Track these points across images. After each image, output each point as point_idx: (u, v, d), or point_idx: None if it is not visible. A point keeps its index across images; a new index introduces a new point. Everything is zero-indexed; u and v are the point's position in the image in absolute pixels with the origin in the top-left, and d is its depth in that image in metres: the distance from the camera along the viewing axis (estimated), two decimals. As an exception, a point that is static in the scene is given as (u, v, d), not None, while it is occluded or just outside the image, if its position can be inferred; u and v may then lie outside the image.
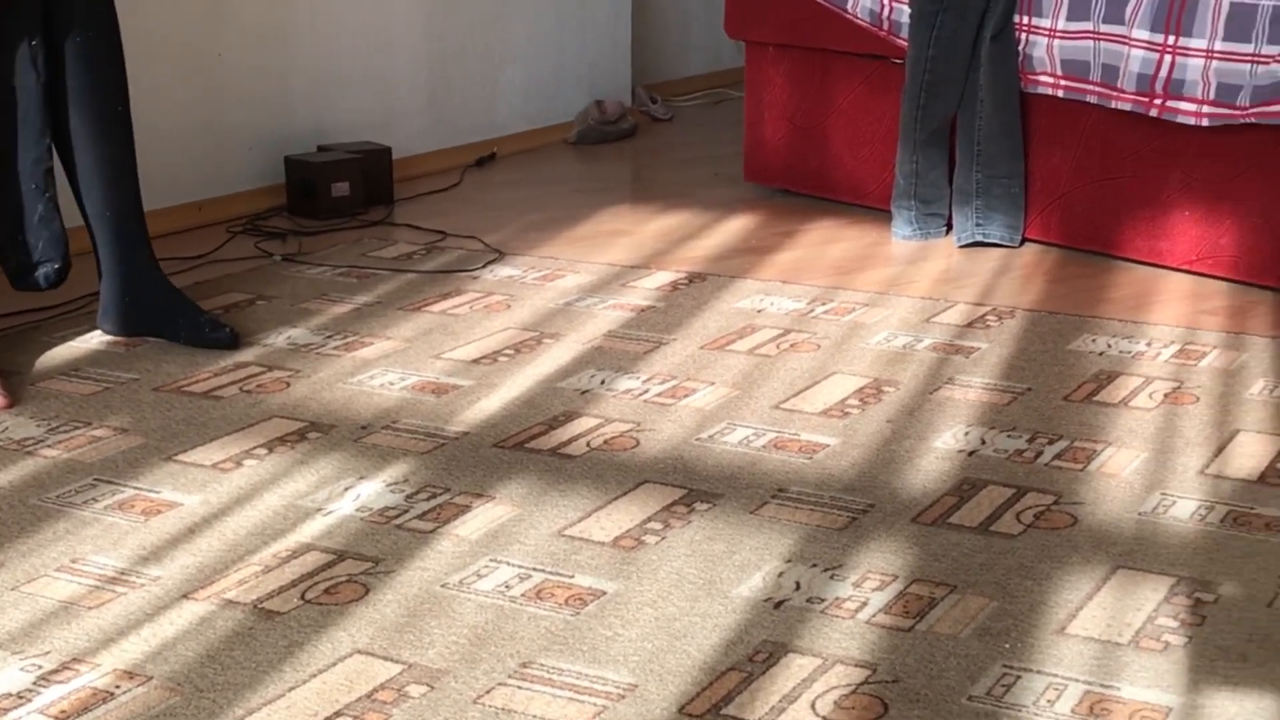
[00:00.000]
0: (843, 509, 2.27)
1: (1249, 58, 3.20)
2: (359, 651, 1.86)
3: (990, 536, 2.17)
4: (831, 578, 2.06)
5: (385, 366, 2.89)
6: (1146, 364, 2.87)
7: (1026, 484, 2.35)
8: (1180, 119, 3.34)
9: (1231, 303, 3.24)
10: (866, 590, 2.02)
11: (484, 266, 3.55)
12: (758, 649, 1.88)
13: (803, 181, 4.22)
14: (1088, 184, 3.59)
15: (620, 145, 5.05)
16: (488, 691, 1.79)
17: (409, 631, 1.92)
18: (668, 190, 4.40)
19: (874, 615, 1.96)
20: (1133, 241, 3.53)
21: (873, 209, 4.02)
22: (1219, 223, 3.36)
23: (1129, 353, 2.94)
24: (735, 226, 3.97)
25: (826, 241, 3.83)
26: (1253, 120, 3.22)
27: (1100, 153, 3.56)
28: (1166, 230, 3.46)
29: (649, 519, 2.24)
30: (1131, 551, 2.12)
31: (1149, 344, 2.98)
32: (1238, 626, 1.91)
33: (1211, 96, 3.27)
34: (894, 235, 3.85)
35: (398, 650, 1.87)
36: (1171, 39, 3.31)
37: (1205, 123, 3.30)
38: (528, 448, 2.50)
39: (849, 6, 3.92)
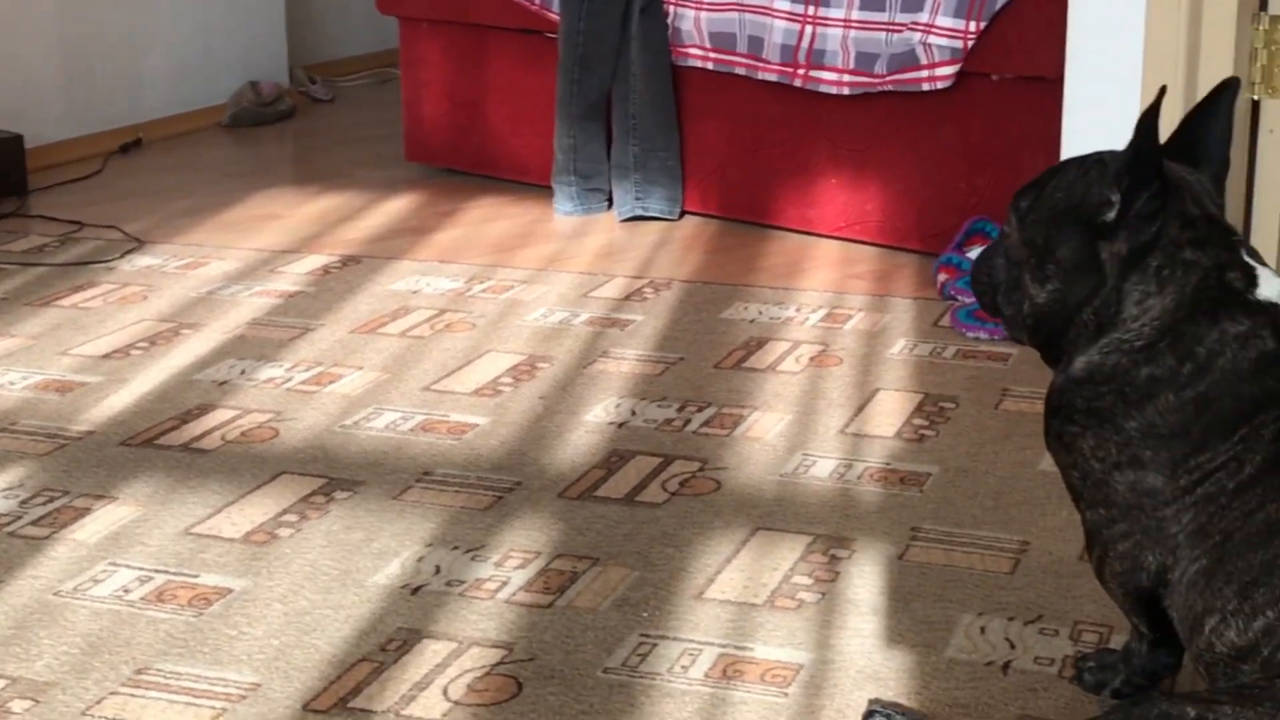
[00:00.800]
0: (489, 489, 2.22)
1: (884, 26, 3.28)
2: (-45, 671, 1.72)
3: (635, 507, 2.15)
4: (473, 559, 2.01)
5: (6, 365, 2.71)
6: (795, 329, 2.91)
7: (674, 452, 2.34)
8: (823, 88, 3.40)
9: (877, 267, 3.32)
10: (508, 569, 1.98)
11: (121, 257, 3.37)
12: (391, 637, 1.81)
13: (464, 160, 4.16)
14: (741, 155, 3.63)
15: (278, 127, 4.89)
16: (98, 702, 1.67)
17: (15, 644, 1.78)
18: (326, 172, 4.27)
19: (514, 594, 1.91)
20: (785, 211, 3.58)
21: (535, 186, 3.99)
22: (865, 190, 3.44)
23: (778, 319, 2.97)
24: (394, 208, 3.88)
25: (487, 220, 3.78)
26: (890, 88, 3.30)
27: (751, 124, 3.60)
28: (816, 199, 3.52)
29: (284, 512, 2.14)
30: (771, 513, 2.12)
31: (798, 309, 3.02)
32: (870, 580, 1.93)
33: (851, 65, 3.34)
34: (556, 211, 3.82)
35: (1, 665, 1.74)
36: (811, 9, 3.37)
37: (846, 91, 3.37)
38: (157, 444, 2.37)
39: (500, -19, 3.87)
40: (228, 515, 2.12)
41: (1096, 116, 3.05)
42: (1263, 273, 1.48)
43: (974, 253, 3.13)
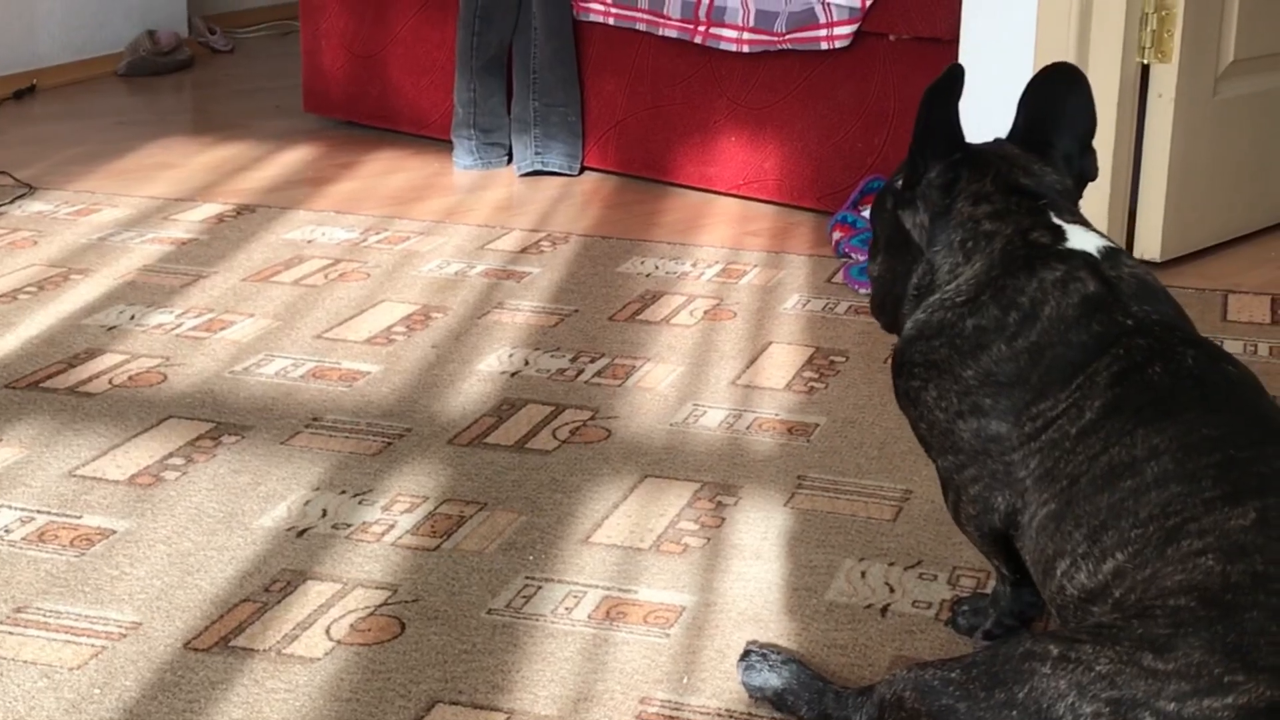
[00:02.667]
0: (378, 435, 2.22)
1: (784, -15, 3.30)
2: None
3: (525, 454, 2.16)
4: (360, 503, 2.00)
5: (-112, 308, 2.66)
6: (690, 283, 2.93)
7: (565, 401, 2.35)
8: (723, 45, 3.41)
9: (774, 224, 3.34)
10: (395, 513, 1.98)
11: (11, 202, 3.31)
12: (275, 579, 1.81)
13: (364, 112, 4.13)
14: (642, 111, 3.64)
15: (175, 78, 4.82)
16: (-26, 642, 1.65)
17: (-111, 585, 1.76)
18: (223, 123, 4.22)
19: (400, 537, 1.91)
20: (684, 168, 3.59)
21: (435, 139, 3.97)
22: (763, 147, 3.46)
23: (674, 273, 2.99)
24: (292, 159, 3.85)
25: (386, 172, 3.75)
26: (789, 47, 3.32)
27: (652, 80, 3.61)
28: (715, 156, 3.54)
29: (171, 455, 2.13)
30: (660, 461, 2.14)
31: (694, 265, 3.04)
32: (755, 526, 1.95)
33: (751, 24, 3.35)
34: (455, 165, 3.80)
35: (-126, 606, 1.71)
36: (713, -34, 3.38)
37: (746, 49, 3.38)
38: (43, 387, 2.34)
39: (402, -68, 3.84)
40: (113, 458, 2.10)
41: (991, 77, 3.08)
42: (1072, 229, 1.53)
43: (869, 211, 3.16)
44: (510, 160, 3.81)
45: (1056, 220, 1.52)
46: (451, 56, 3.85)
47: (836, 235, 3.11)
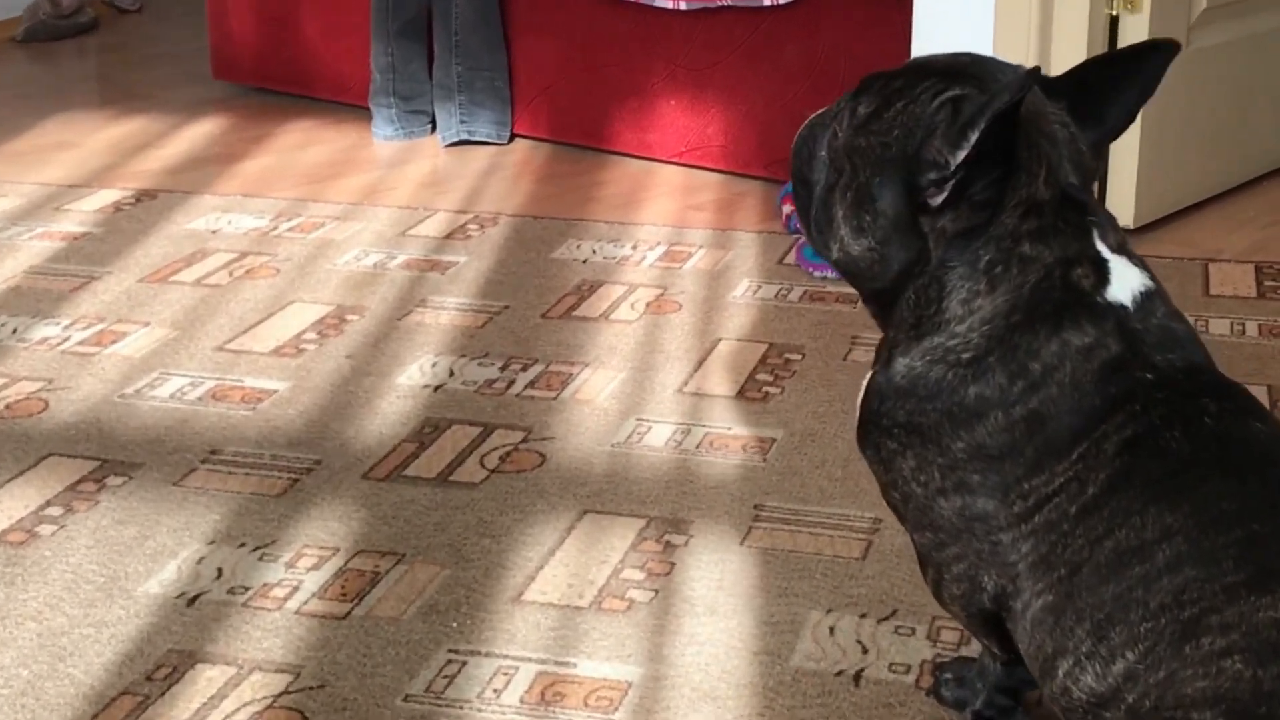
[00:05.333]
0: (284, 470, 1.98)
1: (723, -64, 3.04)
2: None
3: (449, 489, 1.93)
4: (261, 558, 1.77)
5: None
6: (631, 270, 2.69)
7: (495, 420, 2.11)
8: (659, 3, 3.16)
9: (720, 195, 3.10)
10: (300, 570, 1.74)
11: (-115, 196, 3.04)
12: (160, 662, 1.57)
13: (277, 78, 3.85)
14: (574, 75, 3.38)
15: (78, 42, 4.51)
16: None
17: None
18: (127, 93, 3.93)
19: (306, 602, 1.68)
20: (622, 134, 3.35)
21: (353, 106, 3.70)
22: (705, 112, 3.21)
23: (614, 258, 2.75)
24: (199, 133, 3.57)
25: (300, 145, 3.49)
26: (730, 3, 3.07)
27: (584, 41, 3.35)
28: (655, 122, 3.29)
29: (48, 503, 1.88)
30: (601, 491, 1.91)
31: (635, 247, 2.80)
32: (708, 571, 1.73)
33: (689, -22, 3.10)
34: (374, 135, 3.54)
35: None
36: (645, -83, 3.12)
37: (684, 5, 3.13)
38: (-95, 424, 2.09)
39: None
40: (-21, 513, 1.86)
41: (946, 32, 2.85)
42: (1116, 264, 1.26)
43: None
44: (434, 129, 3.55)
45: (1100, 247, 1.26)
46: (369, 16, 3.58)
47: (787, 209, 2.88)
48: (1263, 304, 2.50)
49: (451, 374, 2.26)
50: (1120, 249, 1.28)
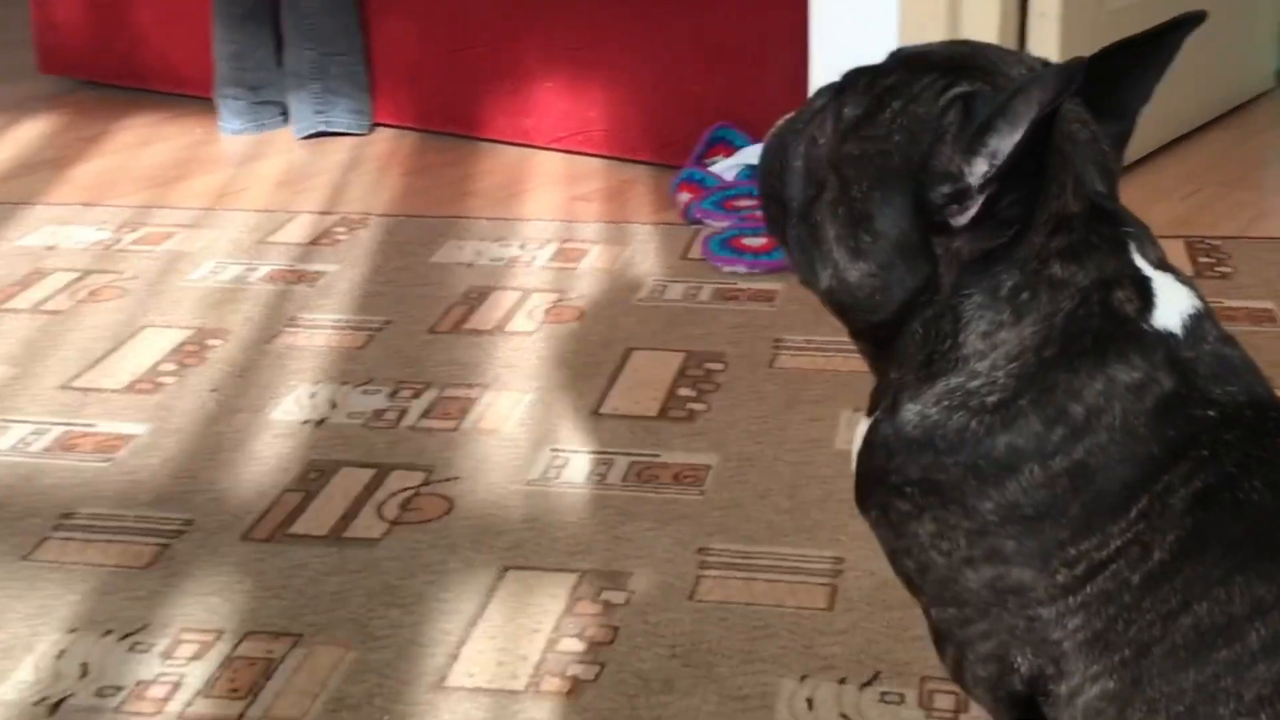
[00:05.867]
0: (151, 534, 1.71)
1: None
2: None
3: (345, 548, 1.67)
4: (132, 648, 1.50)
5: None
6: (522, 272, 2.45)
7: (389, 459, 1.86)
8: (531, -24, 2.91)
9: (607, 184, 2.87)
10: (181, 661, 1.48)
11: None
12: (17, 798, 1.31)
13: (111, 71, 3.53)
14: (440, 56, 3.12)
15: (-118, 38, 4.12)
16: None
17: None
18: (-60, 93, 3.58)
19: (191, 703, 1.42)
20: (495, 120, 3.10)
21: (196, 99, 3.39)
22: (586, 94, 2.98)
23: (501, 260, 2.50)
24: (26, 135, 3.24)
25: (141, 144, 3.18)
26: (610, -26, 2.84)
27: (449, 19, 3.09)
28: (530, 105, 3.04)
29: None
30: (522, 542, 1.68)
31: (523, 246, 2.56)
32: (658, 636, 1.51)
33: (563, -51, 2.86)
34: (222, 130, 3.25)
35: None
36: (512, -117, 2.86)
37: (559, -20, 2.89)
38: None
39: None
40: None
41: (848, 3, 2.65)
42: (1160, 283, 1.06)
43: (717, 166, 2.72)
44: (287, 120, 3.26)
45: (1141, 263, 1.06)
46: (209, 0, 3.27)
47: (684, 197, 2.66)
48: (1201, 283, 2.34)
49: (334, 405, 2.00)
50: (1162, 264, 1.08)
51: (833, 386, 2.01)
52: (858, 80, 1.10)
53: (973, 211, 1.01)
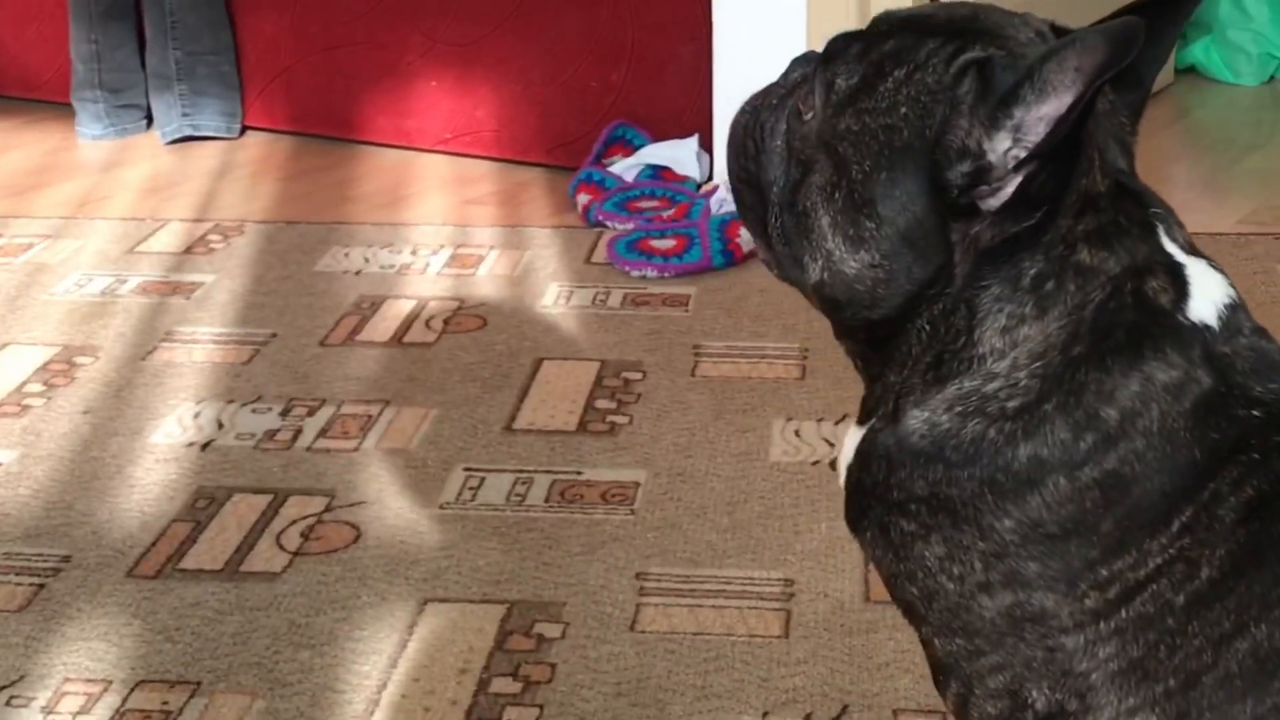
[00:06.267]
0: (25, 573, 1.53)
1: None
2: None
3: (243, 583, 1.51)
4: (9, 702, 1.33)
5: None
6: (416, 280, 2.29)
7: (286, 484, 1.70)
8: (414, -31, 2.76)
9: (499, 187, 2.73)
10: (65, 717, 1.32)
11: None
12: None
13: (-45, 74, 3.29)
14: (313, 55, 2.95)
15: None
16: None
17: None
18: None
19: (77, 768, 1.26)
20: (374, 121, 2.93)
21: (52, 104, 3.18)
22: (473, 92, 2.83)
23: (392, 266, 2.35)
24: None
25: (-8, 152, 2.96)
26: (498, -34, 2.70)
27: (322, 15, 2.92)
28: (413, 106, 2.89)
29: None
30: (440, 572, 1.53)
31: (414, 252, 2.40)
32: (600, 672, 1.37)
33: (447, -60, 2.71)
34: (81, 135, 3.04)
35: None
36: None
37: (444, -28, 2.74)
38: None
39: None
40: None
41: (750, -6, 2.54)
42: (1194, 270, 0.95)
43: (617, 166, 2.59)
44: (151, 124, 3.06)
45: (1172, 249, 0.95)
46: (64, 1, 3.07)
47: (583, 199, 2.53)
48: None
49: (221, 426, 1.84)
50: (1191, 249, 0.97)
51: (760, 395, 1.89)
52: (847, 47, 0.97)
53: (1008, 193, 0.89)
